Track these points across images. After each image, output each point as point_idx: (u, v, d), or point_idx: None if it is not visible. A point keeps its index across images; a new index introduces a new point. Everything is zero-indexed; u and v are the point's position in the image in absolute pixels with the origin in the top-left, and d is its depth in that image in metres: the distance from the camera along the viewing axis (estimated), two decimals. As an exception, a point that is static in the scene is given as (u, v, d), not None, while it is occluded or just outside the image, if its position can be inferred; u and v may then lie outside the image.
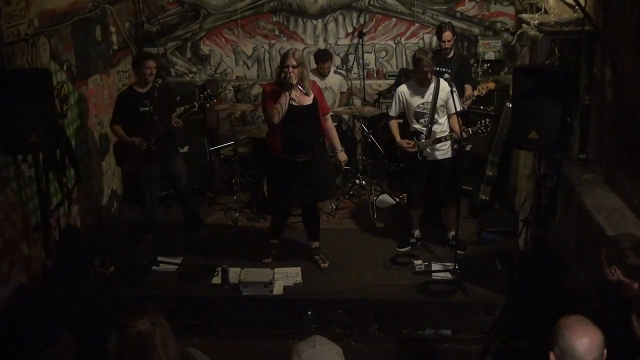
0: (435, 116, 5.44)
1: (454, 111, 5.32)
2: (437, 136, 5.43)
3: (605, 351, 2.42)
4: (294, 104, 5.05)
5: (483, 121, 5.29)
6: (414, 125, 5.50)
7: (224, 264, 5.34)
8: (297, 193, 5.29)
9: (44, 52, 5.30)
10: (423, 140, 5.44)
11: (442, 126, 5.47)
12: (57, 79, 5.45)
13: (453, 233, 5.71)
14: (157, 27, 7.64)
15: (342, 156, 5.52)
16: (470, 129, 5.27)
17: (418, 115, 5.46)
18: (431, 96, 5.40)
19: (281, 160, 5.19)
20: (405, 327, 5.13)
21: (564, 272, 4.70)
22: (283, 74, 4.98)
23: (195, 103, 5.62)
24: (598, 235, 3.94)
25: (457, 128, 5.32)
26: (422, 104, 5.42)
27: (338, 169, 5.82)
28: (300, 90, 5.07)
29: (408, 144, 5.47)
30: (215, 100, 5.83)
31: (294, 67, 4.96)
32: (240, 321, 5.20)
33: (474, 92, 5.94)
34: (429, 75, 5.34)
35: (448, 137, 5.41)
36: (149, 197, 5.63)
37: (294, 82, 4.96)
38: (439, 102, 5.40)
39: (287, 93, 4.97)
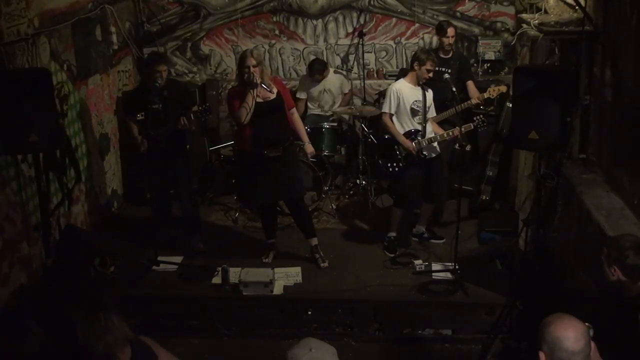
0: (427, 114, 5.54)
1: (431, 116, 5.57)
2: (431, 135, 5.50)
3: (593, 343, 2.46)
4: (259, 100, 5.12)
5: (479, 117, 5.48)
6: (413, 124, 5.51)
7: (224, 264, 5.34)
8: (265, 190, 5.32)
9: (44, 52, 5.30)
10: (420, 139, 5.49)
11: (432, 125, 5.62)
12: (57, 79, 5.45)
13: (424, 228, 5.99)
14: (157, 27, 7.64)
15: (309, 148, 5.57)
16: (471, 124, 5.43)
17: (414, 113, 5.51)
18: (421, 95, 5.48)
19: (250, 156, 5.23)
20: (405, 327, 5.13)
21: (564, 272, 4.70)
22: (246, 75, 5.05)
23: (192, 114, 5.54)
24: (598, 235, 3.94)
25: (439, 130, 5.53)
26: (417, 101, 5.49)
27: (305, 162, 5.89)
28: (264, 88, 5.13)
29: (413, 146, 5.47)
30: (210, 116, 5.85)
31: (254, 66, 5.03)
32: (240, 321, 5.20)
33: (484, 94, 5.95)
34: (431, 75, 5.45)
35: (447, 135, 5.48)
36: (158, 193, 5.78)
37: (258, 80, 5.03)
38: (427, 102, 5.51)
39: (252, 91, 5.04)
